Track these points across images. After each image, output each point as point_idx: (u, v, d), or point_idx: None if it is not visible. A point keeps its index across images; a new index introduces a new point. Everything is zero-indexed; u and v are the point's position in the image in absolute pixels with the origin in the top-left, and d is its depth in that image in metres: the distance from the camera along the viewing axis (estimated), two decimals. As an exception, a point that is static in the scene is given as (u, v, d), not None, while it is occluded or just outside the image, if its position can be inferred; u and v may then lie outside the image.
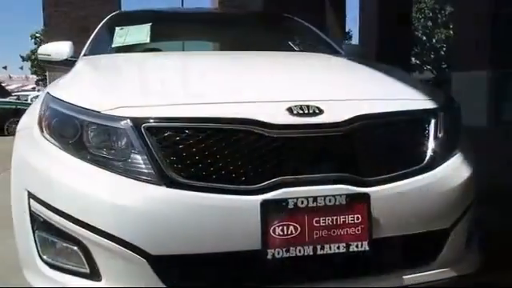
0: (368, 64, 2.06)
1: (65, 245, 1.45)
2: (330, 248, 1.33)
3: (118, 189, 1.35)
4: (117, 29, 2.82)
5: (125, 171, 1.36)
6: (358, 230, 1.34)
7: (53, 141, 1.52)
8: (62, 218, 1.41)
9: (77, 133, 1.48)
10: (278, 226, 1.30)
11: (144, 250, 1.30)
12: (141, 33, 2.78)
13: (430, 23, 22.29)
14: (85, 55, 2.54)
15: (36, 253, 1.52)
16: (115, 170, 1.38)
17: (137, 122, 1.37)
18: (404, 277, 1.45)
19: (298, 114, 1.38)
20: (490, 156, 3.19)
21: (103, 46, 2.70)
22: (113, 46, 2.67)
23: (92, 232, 1.35)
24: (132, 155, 1.37)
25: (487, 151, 2.92)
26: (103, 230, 1.33)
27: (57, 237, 1.46)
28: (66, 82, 1.83)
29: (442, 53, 22.33)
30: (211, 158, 1.34)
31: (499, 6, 9.18)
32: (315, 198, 1.32)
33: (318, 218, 1.32)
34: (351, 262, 1.37)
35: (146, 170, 1.34)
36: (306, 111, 1.39)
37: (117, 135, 1.41)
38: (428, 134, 1.53)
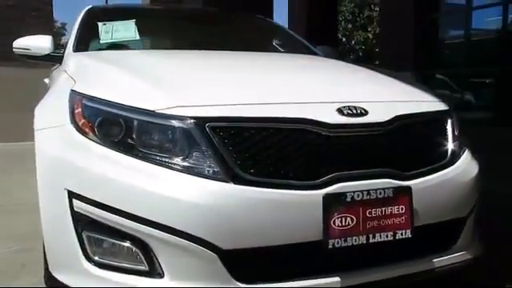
0: (373, 68, 2.22)
1: (119, 243, 1.45)
2: (380, 236, 1.46)
3: (184, 186, 1.37)
4: (100, 24, 2.76)
5: (187, 169, 1.39)
6: (402, 220, 1.48)
7: (98, 140, 1.51)
8: (117, 216, 1.41)
9: (127, 132, 1.48)
10: (338, 218, 1.41)
11: (215, 244, 1.35)
12: (127, 30, 2.75)
13: (349, 25, 23.43)
14: (76, 51, 2.46)
15: (80, 253, 1.50)
16: (175, 167, 1.40)
17: (200, 122, 1.41)
18: (434, 260, 1.62)
19: (348, 115, 1.50)
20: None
21: (91, 41, 2.63)
22: (101, 42, 2.61)
23: (156, 228, 1.37)
24: (195, 153, 1.40)
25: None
26: (170, 226, 1.35)
27: (109, 235, 1.46)
28: (94, 80, 1.78)
29: (361, 54, 23.57)
30: (273, 156, 1.42)
31: (422, 10, 9.94)
32: (368, 192, 1.44)
33: (370, 210, 1.44)
34: (396, 248, 1.51)
35: (212, 168, 1.38)
36: (354, 112, 1.51)
37: (177, 134, 1.43)
38: (448, 132, 1.72)
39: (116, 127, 1.51)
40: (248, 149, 1.40)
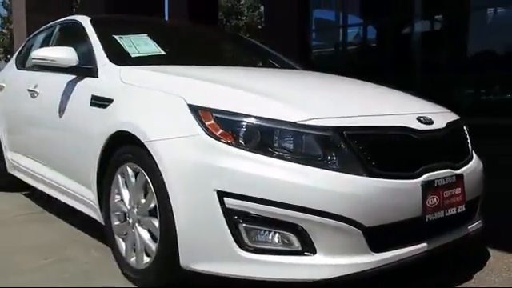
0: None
1: (273, 230, 1.78)
2: (450, 211, 2.01)
3: (334, 179, 1.76)
4: (116, 37, 2.90)
5: (332, 166, 1.78)
6: (460, 198, 2.06)
7: (243, 146, 1.81)
8: (273, 207, 1.74)
9: (269, 139, 1.81)
10: (430, 199, 1.92)
11: (360, 223, 1.77)
12: (146, 44, 2.93)
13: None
14: (121, 64, 2.57)
15: (234, 244, 1.78)
16: (322, 165, 1.77)
17: (339, 130, 1.81)
18: (468, 227, 2.23)
19: (424, 123, 2.03)
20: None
21: (119, 54, 2.74)
22: (132, 56, 2.76)
23: (312, 214, 1.73)
24: (337, 154, 1.79)
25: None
26: (326, 211, 1.73)
27: (263, 224, 1.78)
28: (208, 95, 2.01)
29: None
30: (388, 154, 1.89)
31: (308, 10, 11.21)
32: (444, 178, 1.99)
33: (445, 192, 1.99)
34: (454, 219, 2.07)
35: (351, 165, 1.79)
36: (427, 120, 2.05)
37: (319, 140, 1.80)
38: (466, 134, 2.36)
39: (258, 135, 1.82)
40: (372, 149, 1.85)
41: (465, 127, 2.39)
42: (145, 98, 2.21)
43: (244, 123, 1.84)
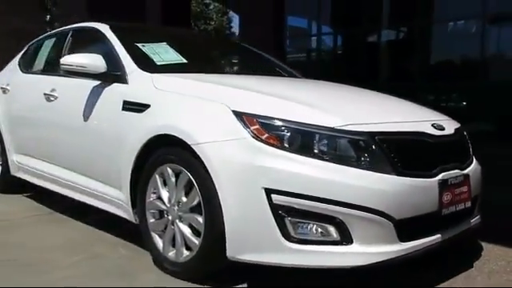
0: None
1: (315, 222, 2.00)
2: (460, 206, 2.29)
3: (369, 177, 2.00)
4: (139, 45, 3.05)
5: (366, 166, 2.02)
6: (466, 195, 2.35)
7: (288, 149, 2.03)
8: (316, 202, 1.97)
9: (310, 141, 2.04)
10: (445, 195, 2.20)
11: (392, 215, 2.01)
12: (167, 52, 3.10)
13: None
14: (151, 72, 2.71)
15: (280, 236, 1.99)
16: (358, 165, 2.01)
17: (372, 135, 2.06)
18: (470, 221, 2.52)
19: (438, 129, 2.31)
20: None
21: (146, 61, 2.89)
22: (157, 63, 2.92)
23: (351, 208, 1.96)
24: (370, 156, 2.04)
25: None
26: (363, 205, 1.97)
27: (307, 218, 2.00)
28: (251, 103, 2.20)
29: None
30: (410, 156, 2.15)
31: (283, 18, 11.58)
32: (455, 177, 2.27)
33: (456, 189, 2.27)
34: (461, 213, 2.36)
35: (383, 165, 2.04)
36: (440, 127, 2.33)
37: (354, 143, 2.04)
38: (467, 139, 2.66)
39: (300, 139, 2.05)
40: (398, 152, 2.10)
41: (465, 132, 2.69)
42: (186, 104, 2.37)
43: (288, 128, 2.06)
